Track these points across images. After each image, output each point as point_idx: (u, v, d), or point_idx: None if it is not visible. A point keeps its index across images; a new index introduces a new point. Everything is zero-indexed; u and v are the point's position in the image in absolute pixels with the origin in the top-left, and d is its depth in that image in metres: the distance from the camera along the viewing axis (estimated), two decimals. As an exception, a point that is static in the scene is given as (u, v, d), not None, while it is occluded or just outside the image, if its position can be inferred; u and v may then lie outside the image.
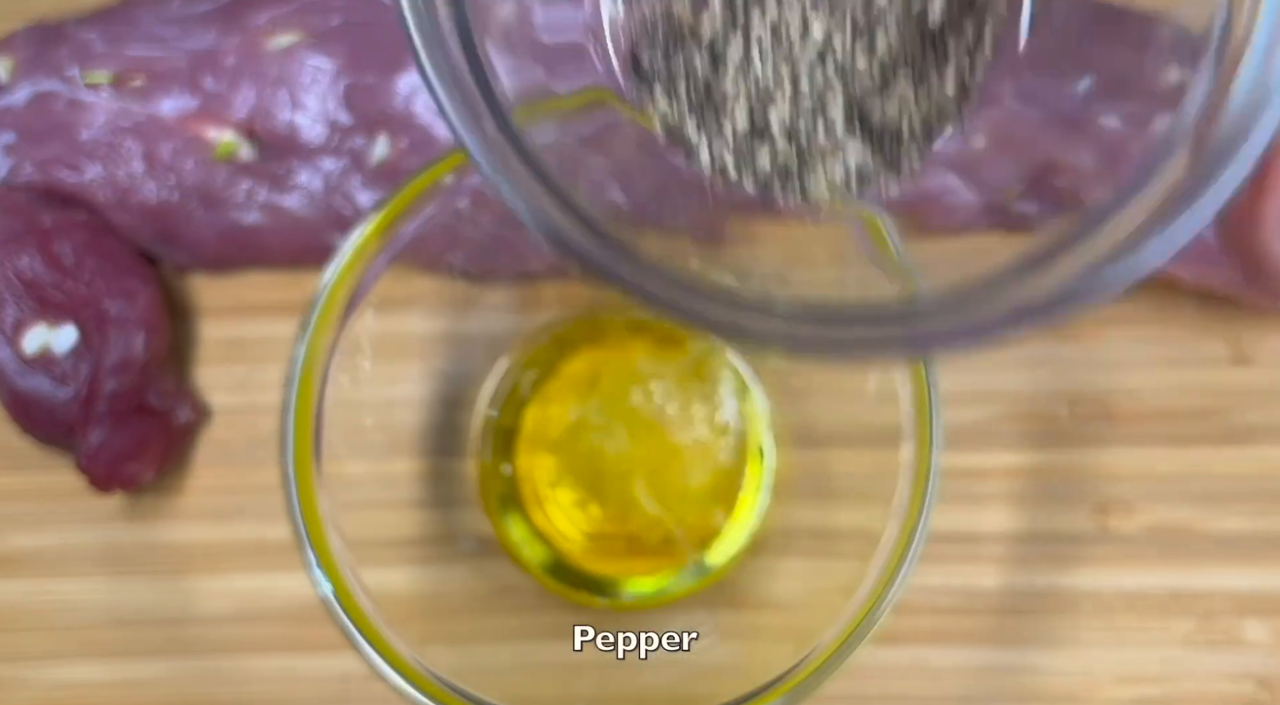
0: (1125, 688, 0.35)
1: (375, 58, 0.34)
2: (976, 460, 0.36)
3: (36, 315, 0.34)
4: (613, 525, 0.35)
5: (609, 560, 0.36)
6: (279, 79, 0.34)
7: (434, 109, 0.34)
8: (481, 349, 0.36)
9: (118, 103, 0.35)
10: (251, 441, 0.36)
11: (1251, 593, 0.35)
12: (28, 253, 0.34)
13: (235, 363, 0.37)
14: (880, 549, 0.29)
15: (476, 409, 0.36)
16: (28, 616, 0.36)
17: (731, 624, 0.35)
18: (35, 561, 0.36)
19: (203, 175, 0.35)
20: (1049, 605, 0.35)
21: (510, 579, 0.35)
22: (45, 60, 0.35)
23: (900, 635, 0.35)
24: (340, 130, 0.35)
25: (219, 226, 0.35)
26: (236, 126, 0.35)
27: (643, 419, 0.35)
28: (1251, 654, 0.35)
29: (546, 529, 0.36)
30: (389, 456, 0.35)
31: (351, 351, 0.31)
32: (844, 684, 0.35)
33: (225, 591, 0.36)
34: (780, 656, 0.30)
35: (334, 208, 0.35)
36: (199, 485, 0.36)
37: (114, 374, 0.34)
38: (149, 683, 0.36)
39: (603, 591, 0.36)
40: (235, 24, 0.35)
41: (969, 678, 0.35)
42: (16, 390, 0.34)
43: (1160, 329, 0.36)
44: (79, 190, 0.35)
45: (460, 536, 0.36)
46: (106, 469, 0.34)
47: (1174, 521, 0.35)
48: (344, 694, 0.36)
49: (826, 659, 0.29)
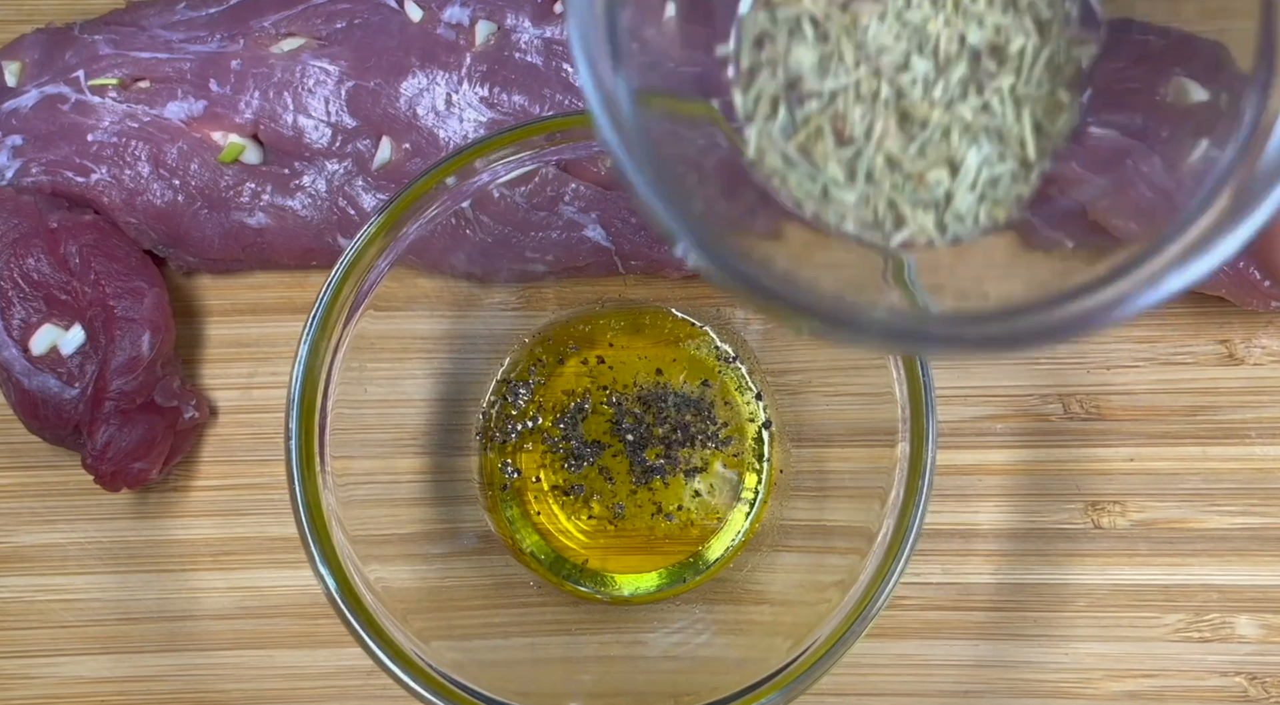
0: (1117, 682, 0.35)
1: (379, 61, 0.34)
2: (970, 457, 0.36)
3: (44, 316, 0.34)
4: (612, 522, 0.35)
5: (609, 556, 0.36)
6: (284, 83, 0.35)
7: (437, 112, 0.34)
8: (484, 348, 0.36)
9: (124, 106, 0.35)
10: (257, 440, 0.37)
11: (1242, 588, 0.35)
12: (35, 254, 0.34)
13: (241, 362, 0.37)
14: (876, 545, 0.29)
15: (479, 407, 0.36)
16: (35, 612, 0.36)
17: (729, 619, 0.35)
18: (42, 558, 0.36)
19: (208, 177, 0.35)
20: (1042, 601, 0.35)
21: (511, 574, 0.36)
22: (53, 64, 0.35)
23: (895, 630, 0.35)
24: (344, 133, 0.35)
25: (224, 228, 0.35)
26: (242, 129, 0.35)
27: (642, 417, 0.35)
28: (1242, 649, 0.35)
29: (547, 525, 0.36)
30: (392, 454, 0.35)
31: (355, 351, 0.31)
32: (840, 678, 0.35)
33: (230, 587, 0.36)
34: (777, 651, 0.30)
35: (338, 209, 0.35)
36: (205, 483, 0.37)
37: (121, 373, 0.34)
38: (154, 678, 0.36)
39: (602, 587, 0.36)
40: (241, 28, 0.35)
41: (963, 672, 0.35)
42: (24, 389, 0.34)
43: (1152, 328, 0.36)
44: (86, 192, 0.35)
45: (462, 533, 0.36)
46: (113, 467, 0.34)
47: (1165, 518, 0.36)
48: (347, 688, 0.36)
49: (823, 653, 0.29)
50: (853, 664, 0.35)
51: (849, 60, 0.24)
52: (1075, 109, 0.24)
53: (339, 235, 0.35)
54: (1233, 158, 0.21)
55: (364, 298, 0.30)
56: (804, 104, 0.24)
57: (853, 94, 0.24)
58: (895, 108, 0.24)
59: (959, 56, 0.23)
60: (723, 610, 0.35)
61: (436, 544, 0.35)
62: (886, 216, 0.24)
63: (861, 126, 0.24)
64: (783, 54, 0.24)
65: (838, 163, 0.24)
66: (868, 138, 0.24)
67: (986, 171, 0.24)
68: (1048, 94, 0.24)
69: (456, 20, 0.35)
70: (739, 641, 0.35)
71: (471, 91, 0.34)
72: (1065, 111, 0.24)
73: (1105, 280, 0.21)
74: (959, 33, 0.23)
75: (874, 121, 0.24)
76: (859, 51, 0.23)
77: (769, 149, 0.24)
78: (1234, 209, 0.20)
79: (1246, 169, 0.20)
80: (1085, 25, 0.24)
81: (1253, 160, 0.20)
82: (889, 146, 0.24)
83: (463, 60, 0.34)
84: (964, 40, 0.23)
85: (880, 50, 0.23)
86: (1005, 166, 0.24)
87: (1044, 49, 0.24)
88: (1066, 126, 0.24)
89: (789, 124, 0.24)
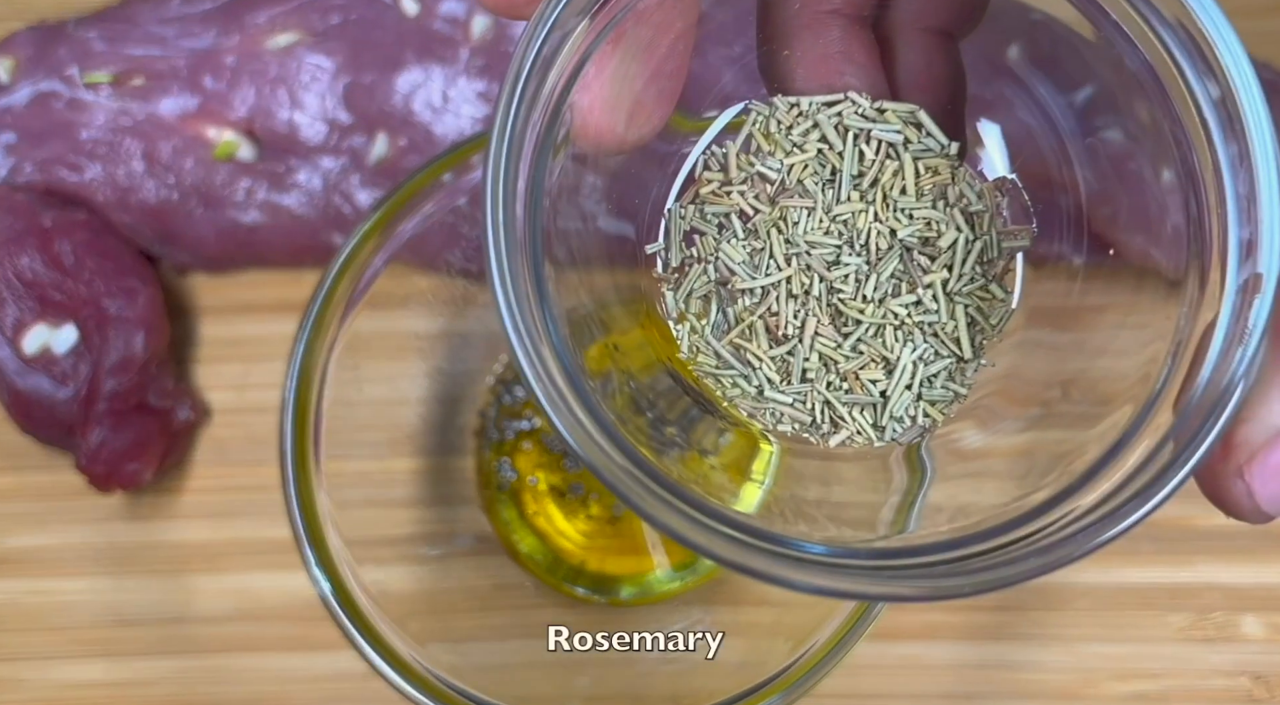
0: (1122, 683, 0.35)
1: (374, 57, 0.34)
2: (972, 456, 0.36)
3: (37, 315, 0.34)
4: (610, 523, 0.35)
5: (607, 557, 0.36)
6: (278, 78, 0.35)
7: (433, 107, 0.34)
8: (480, 347, 0.36)
9: (118, 102, 0.35)
10: (251, 440, 0.36)
11: (1247, 588, 0.35)
12: (28, 252, 0.34)
13: (235, 362, 0.37)
14: (877, 546, 0.29)
15: (475, 407, 0.36)
16: (27, 615, 0.36)
17: (729, 621, 0.35)
18: (35, 561, 0.36)
19: (202, 174, 0.35)
20: (1045, 601, 0.35)
21: (508, 577, 0.35)
22: (45, 60, 0.35)
23: (896, 632, 0.35)
24: (339, 129, 0.35)
25: (218, 225, 0.35)
26: (236, 126, 0.35)
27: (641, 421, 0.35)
28: (1247, 649, 0.35)
29: (545, 527, 0.36)
30: (388, 455, 0.35)
31: (351, 350, 0.31)
32: (840, 680, 0.35)
33: (224, 590, 0.36)
34: (777, 653, 0.30)
35: (333, 206, 0.35)
36: (198, 484, 0.36)
37: (114, 373, 0.34)
38: (148, 682, 0.36)
39: (600, 589, 0.36)
40: (235, 23, 0.35)
41: (966, 674, 0.35)
42: (17, 390, 0.34)
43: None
44: (79, 190, 0.35)
45: (459, 535, 0.36)
46: (106, 468, 0.34)
47: (1170, 517, 0.35)
48: (342, 692, 0.36)
49: (823, 656, 0.29)
50: (854, 666, 0.35)
51: (780, 256, 0.23)
52: (1010, 304, 0.24)
53: (334, 233, 0.35)
54: (1167, 375, 0.21)
55: (359, 296, 0.30)
56: (736, 302, 0.24)
57: (785, 290, 0.23)
58: (828, 304, 0.23)
59: (890, 251, 0.23)
60: (722, 612, 0.35)
61: (432, 546, 0.35)
62: (823, 418, 0.24)
63: (795, 324, 0.23)
64: (713, 250, 0.24)
65: (771, 363, 0.24)
66: (801, 336, 0.23)
67: (922, 369, 0.23)
68: (981, 288, 0.24)
69: (452, 14, 0.34)
70: (738, 644, 0.35)
71: (468, 86, 0.34)
72: (1000, 306, 0.24)
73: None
74: (889, 227, 0.23)
75: (807, 318, 0.23)
76: (790, 247, 0.23)
77: (702, 348, 0.24)
78: (1174, 446, 0.20)
79: (1184, 390, 0.20)
80: (1016, 217, 0.24)
81: (1190, 381, 0.20)
82: (823, 345, 0.23)
83: (459, 55, 0.34)
84: (894, 234, 0.23)
85: (811, 246, 0.23)
86: (940, 363, 0.24)
87: (975, 243, 0.23)
88: (1000, 321, 0.24)
89: (721, 322, 0.24)
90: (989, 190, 0.24)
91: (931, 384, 0.24)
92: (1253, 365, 0.19)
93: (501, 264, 0.19)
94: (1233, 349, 0.19)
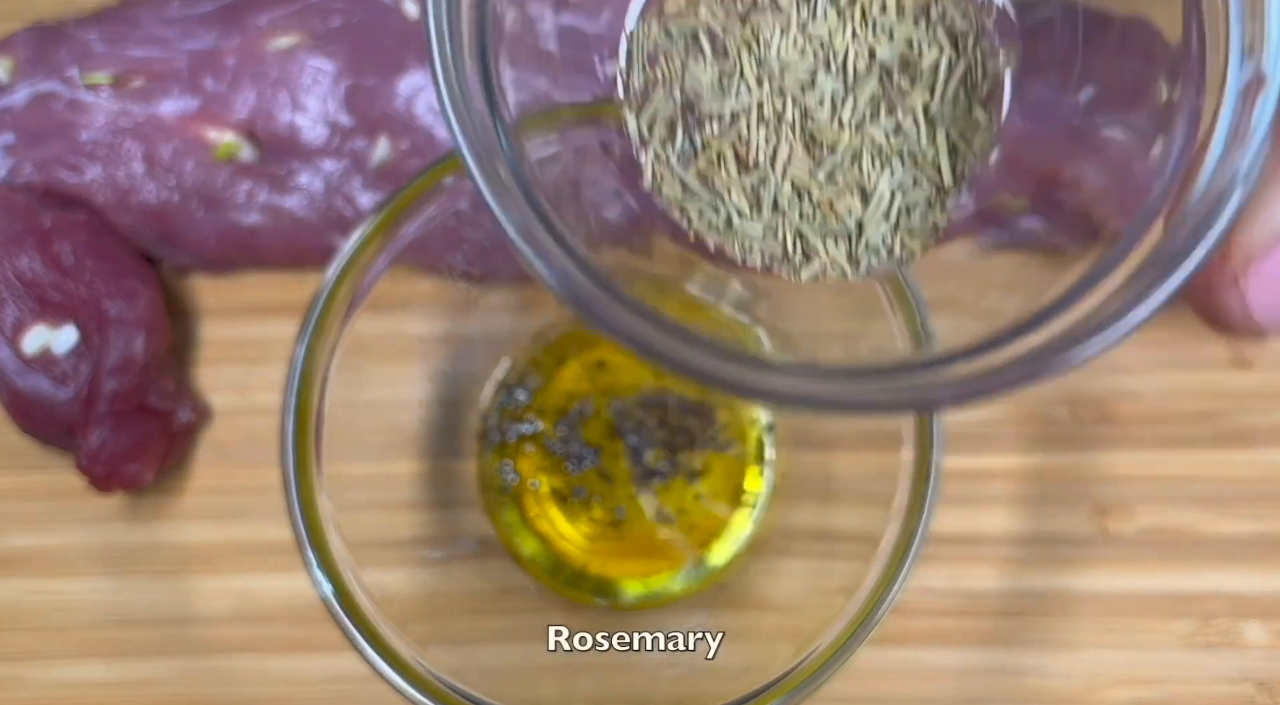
0: (1125, 690, 0.35)
1: (376, 59, 0.34)
2: (977, 462, 0.36)
3: (36, 316, 0.34)
4: (613, 526, 0.35)
5: (609, 561, 0.35)
6: (280, 80, 0.34)
7: (435, 111, 0.34)
8: (482, 350, 0.36)
9: (118, 103, 0.35)
10: (252, 442, 0.36)
11: (1251, 595, 0.35)
12: (28, 253, 0.34)
13: (236, 363, 0.37)
14: (880, 550, 0.29)
15: (477, 410, 0.36)
16: (27, 616, 0.36)
17: (732, 625, 0.35)
18: (35, 561, 0.36)
19: (203, 176, 0.35)
20: (1049, 607, 0.35)
21: (511, 580, 0.35)
22: (45, 61, 0.35)
23: (900, 636, 0.35)
24: (341, 132, 0.35)
25: (219, 227, 0.35)
26: (237, 127, 0.35)
27: (643, 420, 0.35)
28: (1251, 656, 0.35)
29: (547, 530, 0.36)
30: (389, 457, 0.35)
31: (352, 352, 0.31)
32: (844, 685, 0.35)
33: (225, 592, 0.36)
34: (780, 657, 0.30)
35: (334, 209, 0.35)
36: (199, 485, 0.36)
37: (114, 374, 0.33)
38: (148, 683, 0.36)
39: (603, 592, 0.36)
40: (236, 25, 0.35)
41: (969, 679, 0.35)
42: (17, 390, 0.34)
43: (1160, 331, 0.36)
44: (79, 191, 0.35)
45: (460, 537, 0.36)
46: (107, 469, 0.34)
47: (1174, 524, 0.35)
48: (344, 694, 0.36)
49: (826, 660, 0.29)
50: (856, 670, 0.35)
51: (750, 78, 0.22)
52: (993, 128, 0.23)
53: (336, 235, 0.35)
54: (1164, 186, 0.19)
55: (361, 298, 0.30)
56: (703, 127, 0.22)
57: (755, 115, 0.22)
58: (802, 130, 0.22)
59: (869, 73, 0.22)
60: (725, 615, 0.35)
61: (434, 549, 0.35)
62: (795, 249, 0.22)
63: (766, 151, 0.22)
64: (679, 72, 0.22)
65: (741, 191, 0.22)
66: (773, 163, 0.22)
67: (900, 198, 0.22)
68: (964, 113, 0.22)
69: (455, 17, 0.34)
70: (741, 647, 0.35)
71: (470, 89, 0.34)
72: (982, 131, 0.22)
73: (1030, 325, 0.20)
74: (868, 47, 0.22)
75: (779, 145, 0.22)
76: (761, 68, 0.22)
77: (667, 177, 0.23)
78: (1169, 251, 0.19)
79: (1179, 200, 0.19)
80: (1003, 36, 0.23)
81: (1186, 190, 0.19)
82: (796, 172, 0.22)
83: (461, 57, 0.34)
84: (874, 55, 0.22)
85: (784, 67, 0.22)
86: (920, 193, 0.22)
87: (959, 63, 0.22)
88: (983, 148, 0.23)
89: (688, 149, 0.22)
90: (974, 8, 0.22)
91: (910, 214, 0.22)
92: (1254, 166, 0.18)
93: (445, 52, 0.18)
94: (1232, 152, 0.18)
